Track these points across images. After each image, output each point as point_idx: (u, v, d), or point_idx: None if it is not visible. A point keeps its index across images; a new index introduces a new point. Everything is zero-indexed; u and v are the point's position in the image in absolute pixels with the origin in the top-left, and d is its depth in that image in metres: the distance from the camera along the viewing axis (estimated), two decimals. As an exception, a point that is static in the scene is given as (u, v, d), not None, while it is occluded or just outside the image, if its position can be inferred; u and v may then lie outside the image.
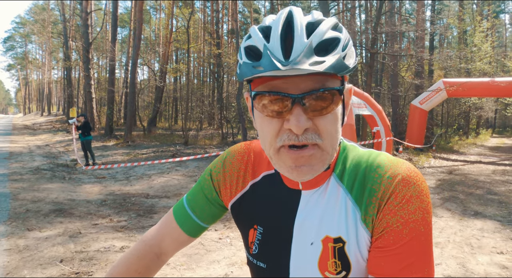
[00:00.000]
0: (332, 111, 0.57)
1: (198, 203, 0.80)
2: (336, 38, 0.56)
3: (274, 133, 0.58)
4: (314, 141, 0.56)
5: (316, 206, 0.65)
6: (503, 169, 10.24)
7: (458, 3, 26.88)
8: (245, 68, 0.56)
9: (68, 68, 28.30)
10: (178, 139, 17.15)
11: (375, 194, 0.60)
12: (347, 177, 0.64)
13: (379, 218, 0.59)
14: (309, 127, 0.56)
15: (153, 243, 0.81)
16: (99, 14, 36.48)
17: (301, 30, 0.54)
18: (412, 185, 0.58)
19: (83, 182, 7.70)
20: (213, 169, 0.80)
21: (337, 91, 0.57)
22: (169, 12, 22.72)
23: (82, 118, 9.90)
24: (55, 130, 22.75)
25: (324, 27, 0.56)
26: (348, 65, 0.56)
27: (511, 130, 28.84)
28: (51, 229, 4.40)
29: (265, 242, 0.70)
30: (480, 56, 17.07)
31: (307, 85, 0.55)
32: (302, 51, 0.52)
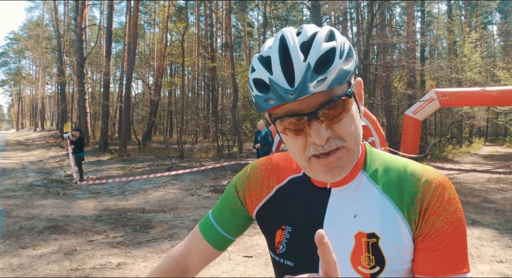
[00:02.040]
0: (348, 114, 0.61)
1: (223, 216, 0.81)
2: (332, 49, 0.58)
3: (301, 148, 0.63)
4: (338, 145, 0.61)
5: (347, 203, 0.68)
6: (497, 177, 10.31)
7: (447, 15, 27.55)
8: (259, 101, 0.62)
9: (62, 83, 28.32)
10: (174, 152, 17.08)
11: (416, 195, 0.64)
12: (381, 178, 0.68)
13: (425, 218, 0.63)
14: (330, 136, 0.60)
15: (179, 258, 0.82)
16: (93, 29, 36.72)
17: (297, 53, 0.58)
18: (448, 188, 0.64)
19: (78, 197, 7.59)
20: (237, 181, 0.83)
21: (347, 96, 0.60)
22: (163, 26, 22.96)
23: (77, 133, 9.81)
24: (48, 145, 22.55)
25: (318, 43, 0.58)
26: (349, 70, 0.59)
27: (503, 139, 29.16)
28: (46, 247, 4.31)
29: (294, 241, 0.72)
30: (470, 66, 17.40)
31: (318, 100, 0.59)
32: (303, 75, 0.56)
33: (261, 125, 8.73)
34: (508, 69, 16.34)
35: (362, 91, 0.70)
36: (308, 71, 0.56)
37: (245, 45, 36.70)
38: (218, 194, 7.83)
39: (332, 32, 0.62)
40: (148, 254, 4.12)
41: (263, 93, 0.60)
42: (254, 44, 40.06)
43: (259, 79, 0.61)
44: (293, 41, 0.59)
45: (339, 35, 0.62)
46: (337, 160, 0.61)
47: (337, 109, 0.59)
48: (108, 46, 19.24)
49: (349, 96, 0.61)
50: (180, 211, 6.29)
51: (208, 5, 26.97)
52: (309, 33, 0.60)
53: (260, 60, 0.62)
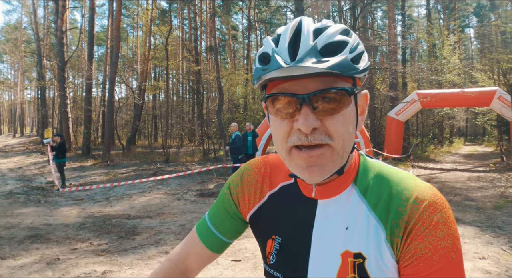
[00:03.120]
0: (342, 112, 0.58)
1: (219, 218, 0.80)
2: (344, 42, 0.58)
3: (285, 135, 0.60)
4: (323, 140, 0.57)
5: (334, 217, 0.65)
6: (477, 175, 10.61)
7: (426, 19, 28.29)
8: (256, 72, 0.60)
9: (42, 88, 27.61)
10: (159, 156, 16.87)
11: (401, 216, 0.59)
12: (370, 194, 0.64)
13: (407, 242, 0.58)
14: (318, 128, 0.57)
15: (178, 261, 0.82)
16: (74, 33, 36.02)
17: (307, 34, 0.57)
18: (438, 211, 0.58)
19: (60, 205, 7.39)
20: (231, 182, 0.81)
21: (345, 92, 0.57)
22: (147, 30, 22.73)
23: (58, 138, 9.58)
24: (28, 152, 21.90)
25: (331, 31, 0.58)
26: (356, 67, 0.58)
27: (482, 138, 30.07)
28: (27, 256, 4.18)
29: (283, 252, 0.69)
30: (449, 68, 17.89)
31: (315, 86, 0.57)
32: (307, 51, 0.55)
33: (233, 127, 8.86)
34: (485, 71, 16.88)
35: (366, 106, 0.67)
36: (313, 50, 0.55)
37: (229, 48, 36.70)
38: (205, 198, 7.77)
39: (349, 31, 0.62)
40: (135, 261, 4.05)
41: (263, 65, 0.59)
42: (238, 47, 40.13)
43: (264, 53, 0.61)
44: (307, 26, 0.59)
45: (355, 36, 0.62)
46: (318, 157, 0.58)
47: (332, 101, 0.57)
48: (90, 50, 18.91)
49: (348, 93, 0.58)
50: (166, 216, 6.21)
51: (192, 8, 26.89)
52: (326, 24, 0.60)
53: (272, 38, 0.62)
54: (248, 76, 27.21)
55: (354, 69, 0.57)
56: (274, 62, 0.56)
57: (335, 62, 0.54)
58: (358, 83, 0.62)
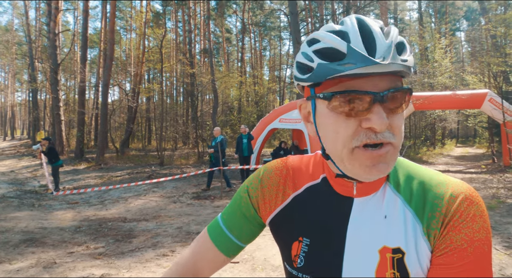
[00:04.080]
0: (403, 111, 0.60)
1: (235, 222, 0.78)
2: (403, 42, 0.59)
3: (350, 134, 0.58)
4: (389, 139, 0.57)
5: (371, 214, 0.64)
6: (469, 176, 10.76)
7: (418, 23, 28.67)
8: (324, 68, 0.57)
9: (34, 90, 27.34)
10: (153, 159, 16.79)
11: (438, 209, 0.59)
12: (404, 188, 0.64)
13: (443, 234, 0.59)
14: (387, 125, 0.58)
15: (188, 265, 0.80)
16: (67, 35, 35.76)
17: (379, 32, 0.57)
18: (475, 204, 0.59)
19: (54, 208, 7.32)
20: (249, 185, 0.78)
21: (409, 91, 0.59)
22: (141, 32, 22.67)
23: (46, 142, 9.37)
24: (20, 155, 21.62)
25: (395, 32, 0.59)
26: (411, 67, 0.59)
27: (473, 140, 30.50)
28: (23, 261, 4.14)
29: (313, 254, 0.67)
30: (441, 71, 18.13)
31: (386, 84, 0.57)
32: (387, 50, 0.55)
33: (216, 131, 8.90)
34: (476, 74, 17.16)
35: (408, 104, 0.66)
36: (392, 48, 0.55)
37: (223, 51, 36.75)
38: (201, 201, 7.76)
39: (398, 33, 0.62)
40: (132, 264, 4.03)
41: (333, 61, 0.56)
42: (232, 50, 40.20)
43: (330, 48, 0.57)
44: (372, 23, 0.58)
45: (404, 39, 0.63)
46: (385, 154, 0.57)
47: (400, 99, 0.58)
48: (83, 52, 18.79)
49: (410, 93, 0.60)
50: (163, 219, 6.19)
51: (186, 11, 26.89)
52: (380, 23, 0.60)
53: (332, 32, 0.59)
54: (242, 78, 27.26)
55: (411, 70, 0.59)
56: (359, 57, 0.54)
57: (411, 62, 0.57)
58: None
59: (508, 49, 13.58)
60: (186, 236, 5.13)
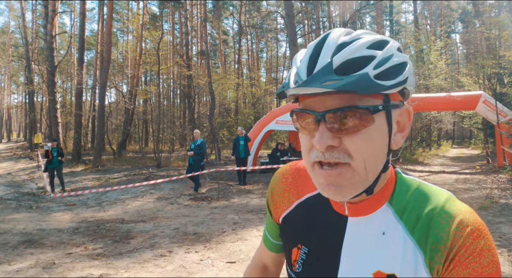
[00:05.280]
0: (363, 131, 0.55)
1: (270, 227, 0.86)
2: (369, 57, 0.54)
3: (307, 149, 0.59)
4: (341, 159, 0.55)
5: (366, 236, 0.62)
6: (464, 177, 10.88)
7: (414, 25, 28.90)
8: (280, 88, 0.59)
9: (30, 93, 27.25)
10: (150, 161, 16.82)
11: (442, 242, 0.56)
12: (408, 215, 0.60)
13: (448, 269, 0.56)
14: (337, 146, 0.55)
15: (257, 262, 0.93)
16: (63, 37, 35.71)
17: (329, 50, 0.55)
18: (482, 237, 0.55)
19: (52, 210, 7.36)
20: (267, 191, 0.84)
21: (367, 110, 0.54)
22: (138, 34, 22.72)
23: (55, 143, 9.73)
24: (16, 157, 21.57)
25: (356, 46, 0.54)
26: (381, 84, 0.53)
27: (469, 141, 30.72)
28: (22, 262, 4.18)
29: (310, 263, 0.69)
30: (436, 73, 18.30)
31: (334, 104, 0.55)
32: (319, 70, 0.53)
33: (197, 134, 8.99)
34: (470, 75, 17.33)
35: (409, 122, 0.62)
36: (327, 69, 0.52)
37: (220, 53, 36.85)
38: (198, 202, 7.82)
39: (383, 43, 0.57)
40: (130, 265, 4.09)
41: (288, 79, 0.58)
42: (229, 52, 40.29)
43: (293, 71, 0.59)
44: (333, 39, 0.56)
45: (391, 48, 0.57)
46: (336, 176, 0.56)
47: (352, 119, 0.54)
48: (80, 55, 18.81)
49: (371, 112, 0.54)
50: (160, 220, 6.24)
51: (183, 13, 26.97)
52: (357, 36, 0.57)
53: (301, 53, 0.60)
54: (239, 80, 27.35)
55: (377, 87, 0.53)
56: (289, 80, 0.56)
57: (348, 81, 0.51)
58: (395, 98, 0.59)
59: (501, 51, 13.73)
60: (183, 236, 5.19)
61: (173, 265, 4.08)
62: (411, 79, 0.59)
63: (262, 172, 11.75)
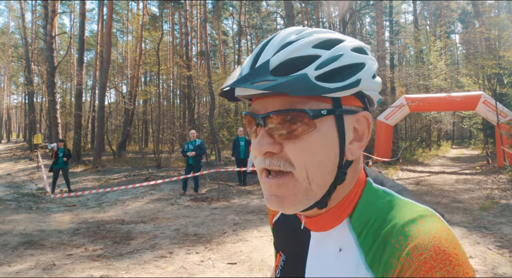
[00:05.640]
0: (304, 137, 0.50)
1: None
2: (312, 56, 0.50)
3: (255, 154, 0.55)
4: (281, 167, 0.51)
5: (326, 252, 0.57)
6: (464, 177, 10.88)
7: (413, 25, 28.93)
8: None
9: (30, 93, 27.24)
10: (150, 162, 16.81)
11: (391, 271, 0.46)
12: (365, 235, 0.52)
13: None
14: (277, 153, 0.51)
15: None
16: (63, 37, 35.70)
17: (271, 49, 0.51)
18: (438, 269, 0.43)
19: (52, 211, 7.34)
20: None
21: (306, 114, 0.49)
22: (137, 35, 22.71)
23: (62, 144, 9.72)
24: (16, 158, 21.54)
25: (297, 45, 0.50)
26: (324, 86, 0.48)
27: (468, 142, 30.73)
28: (22, 263, 4.17)
29: (286, 271, 0.67)
30: (436, 73, 18.32)
31: (274, 106, 0.51)
32: (256, 69, 0.50)
33: (193, 134, 8.96)
34: (470, 76, 17.34)
35: (368, 130, 0.55)
36: (263, 68, 0.49)
37: (220, 53, 36.86)
38: (199, 203, 7.80)
39: (334, 42, 0.52)
40: (131, 266, 4.08)
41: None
42: (229, 52, 40.31)
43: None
44: (280, 37, 0.52)
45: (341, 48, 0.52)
46: (277, 186, 0.51)
47: (292, 123, 0.49)
48: (80, 55, 18.80)
49: (311, 116, 0.49)
50: (160, 221, 6.23)
51: (183, 13, 26.97)
52: (307, 34, 0.52)
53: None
54: (239, 81, 27.31)
55: (317, 89, 0.48)
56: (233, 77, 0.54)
57: (281, 82, 0.47)
58: (350, 103, 0.53)
59: (501, 51, 13.74)
60: (183, 237, 5.18)
61: (174, 266, 4.07)
62: (371, 83, 0.53)
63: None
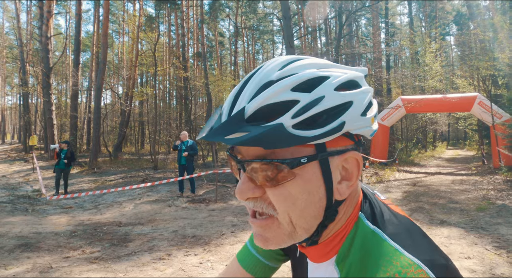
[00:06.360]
0: (285, 185, 0.48)
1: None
2: (289, 102, 0.46)
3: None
4: (265, 211, 0.51)
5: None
6: (460, 178, 10.94)
7: (409, 27, 29.12)
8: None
9: (25, 94, 27.04)
10: (147, 163, 16.74)
11: None
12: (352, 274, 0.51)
13: None
14: (260, 196, 0.51)
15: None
16: (58, 38, 35.53)
17: (250, 91, 0.48)
18: None
19: (48, 213, 7.28)
20: None
21: (285, 165, 0.47)
22: (133, 36, 22.64)
23: (65, 145, 9.63)
24: (11, 160, 21.34)
25: (277, 88, 0.46)
26: (298, 135, 0.45)
27: (464, 142, 30.95)
28: (18, 266, 4.12)
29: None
30: (431, 75, 18.45)
31: (255, 153, 0.49)
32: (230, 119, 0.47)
33: (184, 135, 8.95)
34: (465, 77, 17.47)
35: (357, 169, 0.52)
36: (238, 117, 0.46)
37: (216, 54, 36.84)
38: (196, 204, 7.78)
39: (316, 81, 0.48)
40: (129, 268, 4.05)
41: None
42: (225, 53, 40.31)
43: None
44: (262, 75, 0.49)
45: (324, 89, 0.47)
46: (261, 227, 0.52)
47: (269, 173, 0.48)
48: (76, 56, 18.72)
49: (289, 166, 0.47)
50: (158, 223, 6.20)
51: (179, 15, 26.94)
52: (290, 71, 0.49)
53: None
54: (235, 82, 27.34)
55: (294, 139, 0.45)
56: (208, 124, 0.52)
57: (254, 135, 0.44)
58: (337, 144, 0.50)
59: (496, 53, 13.87)
60: (182, 239, 5.16)
61: (172, 268, 4.05)
62: (359, 122, 0.49)
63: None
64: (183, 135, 8.96)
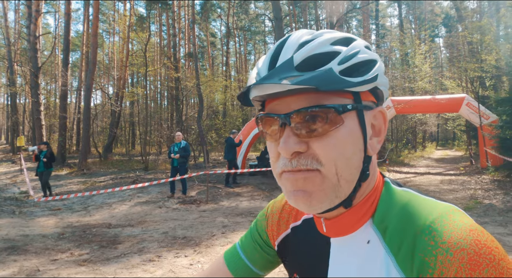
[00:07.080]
0: (332, 134, 0.49)
1: (250, 246, 0.75)
2: (334, 52, 0.50)
3: (274, 158, 0.54)
4: (309, 166, 0.49)
5: (349, 259, 0.55)
6: (449, 178, 11.11)
7: (399, 29, 29.45)
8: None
9: (13, 94, 26.57)
10: (137, 164, 16.60)
11: (429, 271, 0.44)
12: (391, 234, 0.50)
13: None
14: (303, 152, 0.50)
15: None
16: (47, 37, 35.01)
17: (291, 47, 0.51)
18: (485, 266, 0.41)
19: (36, 215, 7.16)
20: (260, 212, 0.78)
21: (334, 110, 0.49)
22: (124, 36, 22.45)
23: (45, 146, 9.35)
24: (-2, 161, 20.98)
25: (317, 42, 0.50)
26: (348, 79, 0.49)
27: (452, 143, 31.42)
28: (4, 269, 4.05)
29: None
30: (421, 76, 18.68)
31: (299, 105, 0.50)
32: (280, 66, 0.49)
33: (179, 136, 8.92)
34: (454, 78, 17.74)
35: (384, 125, 0.55)
36: (287, 65, 0.49)
37: (208, 55, 36.74)
38: (187, 206, 7.74)
39: (349, 40, 0.54)
40: (118, 270, 4.01)
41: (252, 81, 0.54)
42: (217, 54, 40.23)
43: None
44: (296, 38, 0.52)
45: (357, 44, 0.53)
46: (303, 180, 0.50)
47: (318, 120, 0.49)
48: (65, 56, 18.46)
49: (338, 111, 0.49)
50: (148, 224, 6.15)
51: (170, 15, 26.80)
52: (320, 34, 0.53)
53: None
54: (227, 82, 27.32)
55: (343, 83, 0.48)
56: (250, 79, 0.53)
57: (309, 76, 0.47)
58: (367, 98, 0.53)
59: (483, 55, 14.12)
60: (172, 241, 5.12)
61: (162, 270, 4.02)
62: (383, 79, 0.54)
63: (251, 175, 11.74)
64: (178, 137, 8.92)
